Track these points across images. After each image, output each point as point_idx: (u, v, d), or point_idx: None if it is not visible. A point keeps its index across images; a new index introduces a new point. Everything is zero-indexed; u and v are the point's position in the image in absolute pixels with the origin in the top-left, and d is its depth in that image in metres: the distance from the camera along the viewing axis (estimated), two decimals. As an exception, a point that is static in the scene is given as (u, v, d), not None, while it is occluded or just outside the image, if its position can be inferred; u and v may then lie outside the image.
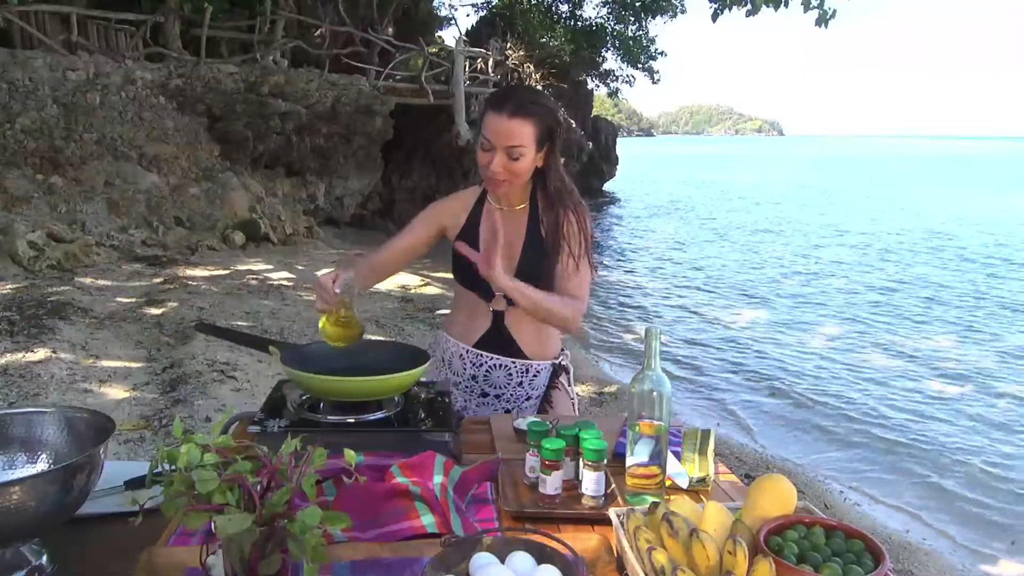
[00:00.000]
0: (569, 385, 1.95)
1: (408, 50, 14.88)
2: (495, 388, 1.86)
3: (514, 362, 1.85)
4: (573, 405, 1.96)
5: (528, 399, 1.89)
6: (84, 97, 9.57)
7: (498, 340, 1.84)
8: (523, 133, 1.65)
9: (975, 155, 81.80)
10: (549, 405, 1.90)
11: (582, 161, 19.86)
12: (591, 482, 1.26)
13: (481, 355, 1.85)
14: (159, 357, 5.27)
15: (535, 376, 1.87)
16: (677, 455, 1.41)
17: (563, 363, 1.93)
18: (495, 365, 1.85)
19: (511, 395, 1.87)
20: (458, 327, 1.90)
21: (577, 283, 1.77)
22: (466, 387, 1.88)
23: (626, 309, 9.13)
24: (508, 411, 1.86)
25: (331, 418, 1.46)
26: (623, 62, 22.47)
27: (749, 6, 8.54)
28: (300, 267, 9.09)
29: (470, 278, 1.81)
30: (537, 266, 1.77)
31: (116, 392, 4.56)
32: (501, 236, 1.59)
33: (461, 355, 1.87)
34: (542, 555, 1.00)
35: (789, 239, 15.41)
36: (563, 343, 1.97)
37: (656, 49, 22.23)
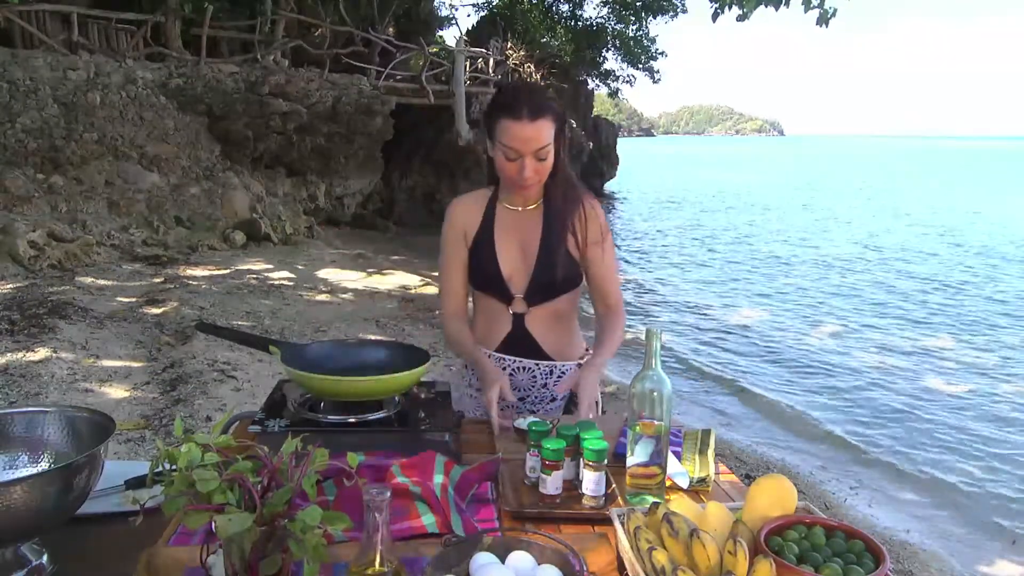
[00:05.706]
0: None
1: (409, 50, 14.88)
2: (519, 391, 1.82)
3: (538, 364, 1.82)
4: (599, 405, 1.87)
5: (553, 400, 1.86)
6: (85, 97, 9.57)
7: (521, 343, 1.81)
8: (547, 133, 1.65)
9: (978, 154, 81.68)
10: (575, 407, 1.79)
11: (582, 161, 19.85)
12: (591, 482, 1.26)
13: (504, 359, 1.82)
14: (159, 357, 5.27)
15: (559, 378, 1.84)
16: (677, 455, 1.41)
17: None
18: (518, 368, 1.82)
19: (535, 397, 1.84)
20: (478, 332, 1.86)
21: (616, 284, 1.84)
22: None
23: (626, 309, 9.12)
24: (533, 413, 1.81)
25: (331, 418, 1.46)
26: (623, 62, 22.53)
27: (740, 11, 8.51)
28: (300, 267, 9.09)
29: (486, 280, 1.80)
30: (553, 265, 1.76)
31: (116, 392, 4.57)
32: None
33: None
34: (542, 555, 1.00)
35: (791, 236, 15.41)
36: (587, 343, 1.93)
37: (656, 49, 22.28)
